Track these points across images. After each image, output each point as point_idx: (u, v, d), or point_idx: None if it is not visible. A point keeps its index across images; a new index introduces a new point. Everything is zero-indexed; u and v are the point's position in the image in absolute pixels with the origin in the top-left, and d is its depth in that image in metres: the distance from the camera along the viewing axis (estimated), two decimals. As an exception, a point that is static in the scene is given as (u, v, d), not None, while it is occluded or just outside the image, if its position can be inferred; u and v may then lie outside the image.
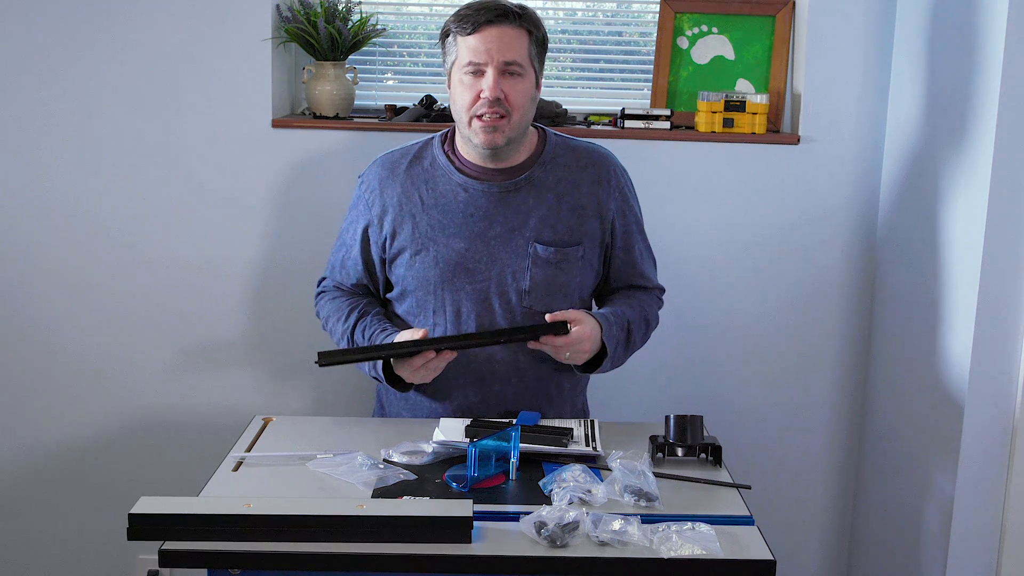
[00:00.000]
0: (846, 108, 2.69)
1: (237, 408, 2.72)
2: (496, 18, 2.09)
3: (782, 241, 2.75)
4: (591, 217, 2.22)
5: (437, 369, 2.07)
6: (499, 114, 2.10)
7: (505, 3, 2.13)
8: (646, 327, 2.27)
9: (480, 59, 2.09)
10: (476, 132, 2.12)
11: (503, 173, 2.19)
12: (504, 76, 2.09)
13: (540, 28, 2.15)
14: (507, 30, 2.10)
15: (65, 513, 2.84)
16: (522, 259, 2.18)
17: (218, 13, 2.63)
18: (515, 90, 2.10)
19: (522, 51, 2.11)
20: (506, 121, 2.11)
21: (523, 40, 2.11)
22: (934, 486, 2.39)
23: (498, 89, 2.09)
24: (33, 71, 2.65)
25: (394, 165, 2.24)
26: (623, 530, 1.65)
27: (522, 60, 2.11)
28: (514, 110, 2.11)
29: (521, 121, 2.14)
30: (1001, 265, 2.20)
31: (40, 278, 2.73)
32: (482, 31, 2.09)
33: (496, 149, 2.14)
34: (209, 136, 2.68)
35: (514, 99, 2.10)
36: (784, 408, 2.83)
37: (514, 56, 2.10)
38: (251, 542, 1.63)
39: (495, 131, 2.11)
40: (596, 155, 2.26)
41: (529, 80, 2.13)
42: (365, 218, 2.24)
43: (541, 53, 2.17)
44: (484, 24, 2.09)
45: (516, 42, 2.10)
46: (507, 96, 2.10)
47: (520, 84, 2.11)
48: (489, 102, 2.09)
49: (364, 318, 2.21)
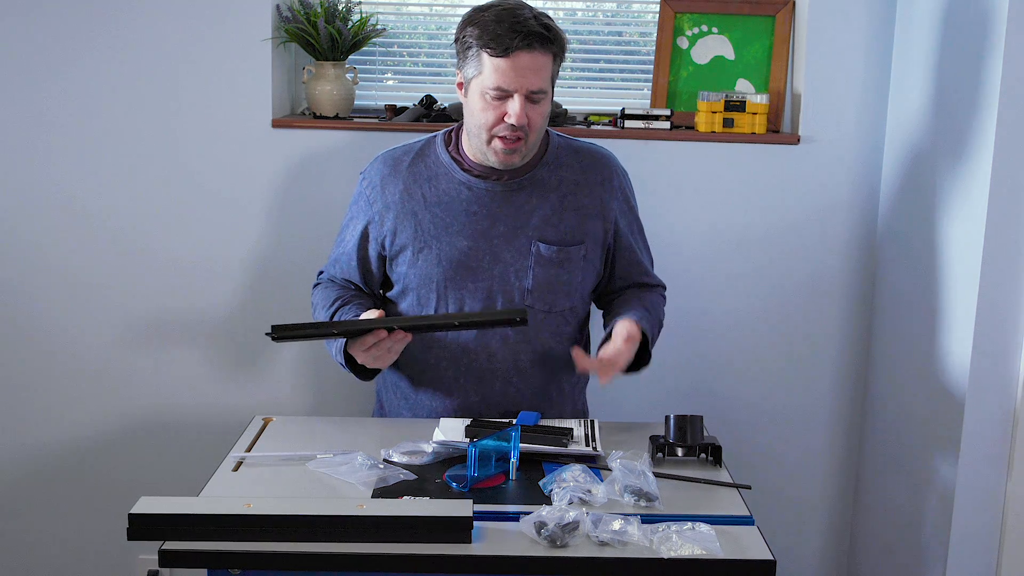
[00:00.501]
0: (846, 108, 2.69)
1: (237, 408, 2.72)
2: (528, 45, 2.04)
3: (782, 241, 2.75)
4: (593, 217, 2.22)
5: (392, 351, 2.04)
6: (519, 136, 2.09)
7: (535, 23, 2.06)
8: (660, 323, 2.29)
9: (509, 86, 2.05)
10: (495, 151, 2.11)
11: (507, 172, 2.19)
12: (528, 102, 2.08)
13: (564, 48, 2.12)
14: (537, 56, 2.05)
15: (65, 513, 2.84)
16: (524, 258, 2.18)
17: (218, 13, 2.63)
18: (536, 113, 2.09)
19: (547, 76, 2.09)
20: (523, 143, 2.11)
21: (549, 64, 2.09)
22: (934, 486, 2.39)
23: (524, 116, 2.07)
24: (33, 72, 2.65)
25: (396, 162, 2.23)
26: (623, 530, 1.65)
27: (547, 86, 2.09)
28: (532, 132, 2.10)
29: (537, 139, 2.14)
30: (1001, 265, 2.20)
31: (40, 278, 2.73)
32: (513, 57, 2.04)
33: (511, 166, 2.14)
34: (209, 136, 2.68)
35: (534, 122, 2.10)
36: (784, 408, 2.84)
37: (541, 84, 2.07)
38: (251, 542, 1.63)
39: (514, 153, 2.11)
40: (599, 156, 2.26)
41: (548, 100, 2.12)
42: (366, 215, 2.24)
43: (559, 69, 2.15)
44: (516, 50, 2.04)
45: (544, 68, 2.07)
46: (529, 120, 2.09)
47: (542, 108, 2.10)
48: (512, 127, 2.08)
49: (345, 306, 2.20)
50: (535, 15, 2.08)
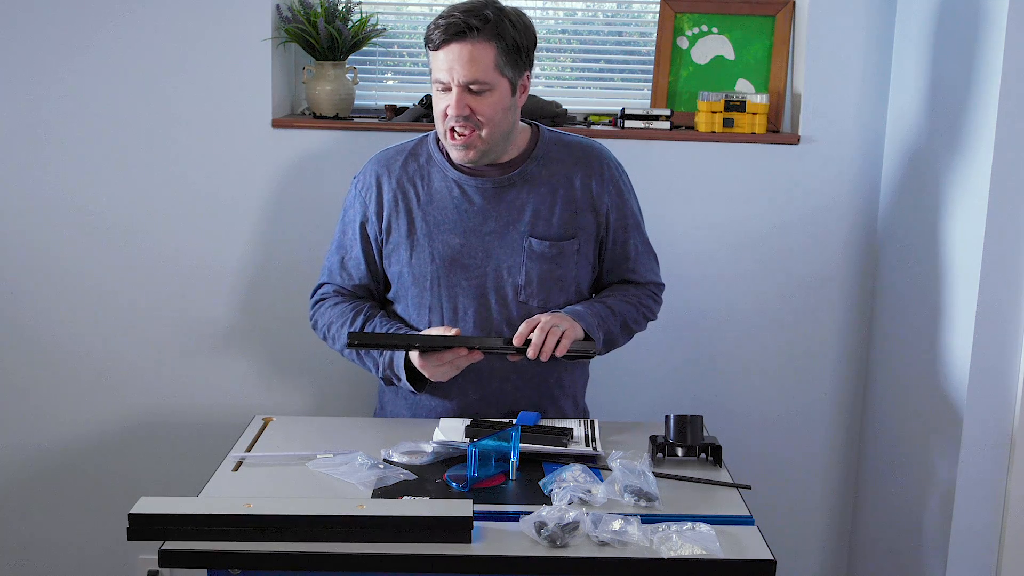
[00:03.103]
0: (846, 108, 2.69)
1: (237, 408, 2.72)
2: (454, 35, 2.05)
3: (782, 241, 2.75)
4: (585, 211, 2.22)
5: (459, 368, 2.08)
6: (470, 128, 2.09)
7: (468, 14, 2.06)
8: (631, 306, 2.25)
9: (444, 78, 2.08)
10: (451, 147, 2.13)
11: (497, 169, 2.19)
12: (468, 93, 2.07)
13: (509, 33, 2.07)
14: (467, 47, 2.05)
15: (65, 513, 2.84)
16: (517, 254, 2.18)
17: (218, 13, 2.63)
18: (483, 104, 2.08)
19: (485, 67, 2.06)
20: (477, 135, 2.10)
21: (487, 54, 2.06)
22: (934, 486, 2.39)
23: (462, 107, 2.07)
24: (33, 72, 2.65)
25: (389, 162, 2.24)
26: (623, 530, 1.65)
27: (485, 77, 2.07)
28: (485, 124, 2.09)
29: (494, 132, 2.12)
30: (1001, 264, 2.20)
31: (40, 278, 2.73)
32: (444, 48, 2.07)
33: (471, 162, 2.14)
34: (209, 136, 2.68)
35: (483, 112, 2.09)
36: (784, 408, 2.83)
37: (475, 75, 2.06)
38: (251, 542, 1.63)
39: (467, 148, 2.11)
40: (589, 149, 2.25)
41: (499, 92, 2.09)
42: (361, 216, 2.24)
43: (515, 58, 2.10)
44: (443, 43, 2.06)
45: (479, 60, 2.06)
46: (474, 111, 2.08)
47: (488, 99, 2.09)
48: (456, 118, 2.08)
49: (371, 320, 2.21)
50: (473, 7, 2.07)
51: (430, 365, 2.07)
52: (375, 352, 2.17)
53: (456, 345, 2.04)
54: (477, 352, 2.05)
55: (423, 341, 2.06)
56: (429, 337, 2.06)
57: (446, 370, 2.07)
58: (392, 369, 2.14)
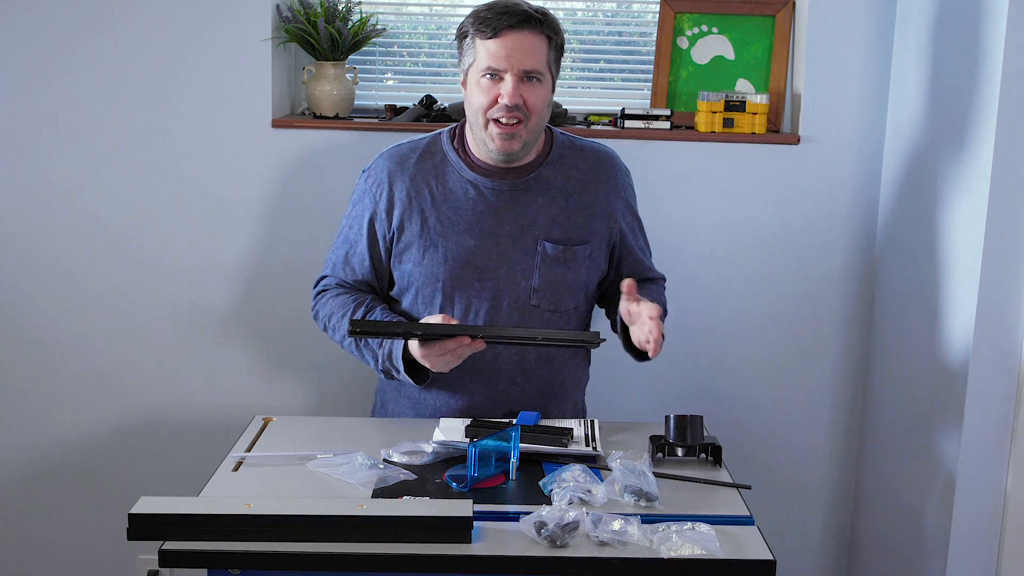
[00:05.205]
0: (846, 108, 2.69)
1: (237, 408, 2.72)
2: (518, 23, 2.08)
3: (782, 241, 2.75)
4: (598, 216, 2.23)
5: (461, 358, 2.05)
6: (517, 118, 2.10)
7: (526, 7, 2.11)
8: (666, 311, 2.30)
9: (500, 65, 2.08)
10: (492, 137, 2.12)
11: (513, 172, 2.19)
12: (523, 82, 2.09)
13: (559, 34, 2.15)
14: (528, 36, 2.09)
15: (65, 513, 2.84)
16: (531, 258, 2.18)
17: (218, 13, 2.63)
18: (533, 95, 2.10)
19: (541, 58, 2.11)
20: (523, 126, 2.11)
21: (543, 46, 2.11)
22: (934, 486, 2.39)
23: (517, 95, 2.08)
24: (32, 72, 2.65)
25: (403, 159, 2.23)
26: (623, 530, 1.65)
27: (541, 67, 2.11)
28: (532, 115, 2.11)
29: (538, 126, 2.14)
30: (1001, 264, 2.20)
31: (40, 278, 2.73)
32: (503, 36, 2.08)
33: (511, 154, 2.14)
34: (209, 136, 2.68)
35: (532, 104, 2.10)
36: (784, 408, 2.83)
37: (533, 64, 2.09)
38: (251, 542, 1.63)
39: (512, 138, 2.12)
40: (603, 155, 2.27)
41: (547, 85, 2.13)
42: (371, 211, 2.23)
43: (558, 58, 2.17)
44: (505, 29, 2.07)
45: (536, 49, 2.10)
46: (525, 102, 2.10)
47: (538, 90, 2.11)
48: (507, 107, 2.08)
49: (372, 312, 2.20)
50: (529, 4, 2.13)
51: (432, 355, 2.04)
52: (374, 344, 2.15)
53: (459, 334, 2.02)
54: (480, 341, 2.03)
55: (425, 329, 2.03)
56: (432, 325, 2.04)
57: (448, 359, 2.04)
58: (391, 361, 2.13)
